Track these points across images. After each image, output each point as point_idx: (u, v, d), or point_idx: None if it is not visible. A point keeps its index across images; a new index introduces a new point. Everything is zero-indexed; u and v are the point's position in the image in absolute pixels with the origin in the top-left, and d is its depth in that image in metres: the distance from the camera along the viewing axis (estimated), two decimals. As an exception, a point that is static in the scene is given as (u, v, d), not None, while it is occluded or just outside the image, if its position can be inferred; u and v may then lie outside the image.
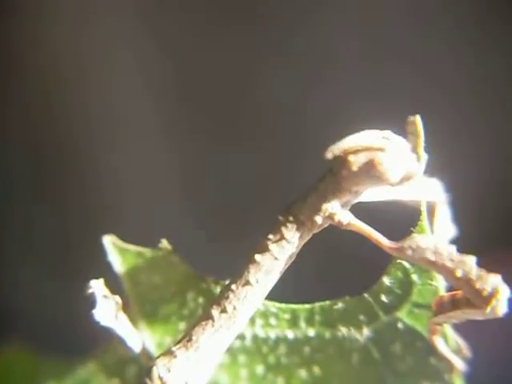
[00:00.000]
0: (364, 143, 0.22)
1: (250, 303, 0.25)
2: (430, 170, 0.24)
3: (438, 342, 0.24)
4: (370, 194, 0.24)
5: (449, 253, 0.22)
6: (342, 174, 0.23)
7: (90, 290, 0.25)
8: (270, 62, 0.60)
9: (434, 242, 0.22)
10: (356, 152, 0.22)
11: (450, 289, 0.24)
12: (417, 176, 0.23)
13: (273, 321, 0.28)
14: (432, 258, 0.22)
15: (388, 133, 0.23)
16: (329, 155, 0.23)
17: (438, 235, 0.24)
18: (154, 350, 0.28)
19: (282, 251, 0.24)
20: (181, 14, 0.61)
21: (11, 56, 0.61)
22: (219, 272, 0.28)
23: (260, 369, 0.28)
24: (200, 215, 0.59)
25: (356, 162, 0.22)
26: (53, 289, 0.57)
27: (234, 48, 0.60)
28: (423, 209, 0.24)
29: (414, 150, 0.23)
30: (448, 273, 0.21)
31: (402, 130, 0.23)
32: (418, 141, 0.22)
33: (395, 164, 0.22)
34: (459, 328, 0.25)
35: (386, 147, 0.22)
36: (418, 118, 0.22)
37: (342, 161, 0.23)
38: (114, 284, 0.26)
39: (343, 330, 0.27)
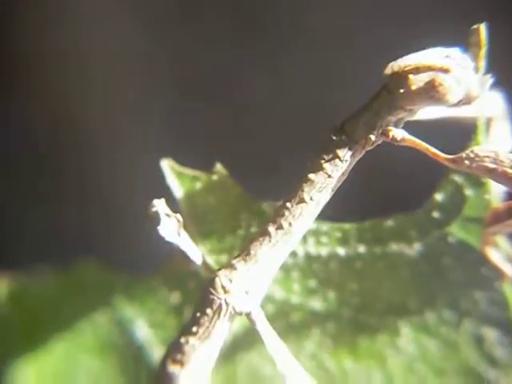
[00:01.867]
0: (426, 61, 0.21)
1: (305, 220, 0.24)
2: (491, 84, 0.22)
3: (491, 253, 0.23)
4: (426, 111, 0.23)
5: (510, 160, 0.20)
6: (400, 92, 0.21)
7: (154, 209, 0.24)
8: (271, 59, 0.57)
9: (493, 150, 0.20)
10: (417, 70, 0.21)
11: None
12: (477, 99, 0.21)
13: (324, 239, 0.27)
14: (492, 165, 0.20)
15: (453, 51, 0.21)
16: (388, 71, 0.21)
17: (498, 147, 0.23)
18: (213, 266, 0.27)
19: (335, 169, 0.23)
20: (186, 16, 0.58)
21: (12, 55, 0.59)
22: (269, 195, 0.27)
23: (312, 283, 0.27)
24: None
25: (416, 80, 0.21)
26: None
27: (235, 47, 0.58)
28: (480, 123, 0.22)
29: (476, 62, 0.21)
30: (509, 180, 0.20)
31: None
32: (480, 52, 0.20)
33: (457, 86, 0.21)
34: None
35: (449, 67, 0.21)
36: (482, 28, 0.20)
37: (401, 78, 0.21)
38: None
39: (394, 246, 0.26)
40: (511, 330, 0.24)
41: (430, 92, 0.21)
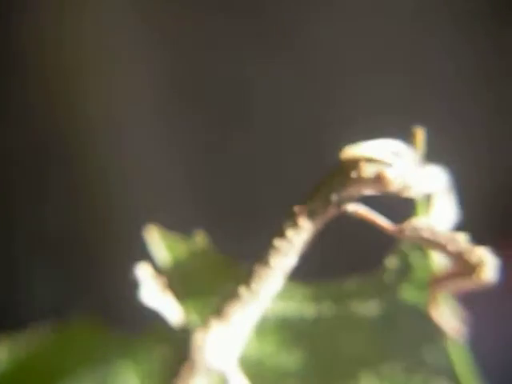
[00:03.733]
0: (376, 155, 0.24)
1: (271, 282, 0.26)
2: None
3: (436, 311, 0.25)
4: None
5: (441, 231, 0.23)
6: (351, 175, 0.24)
7: (136, 272, 0.26)
8: (274, 57, 0.59)
9: (428, 223, 0.23)
10: (368, 160, 0.24)
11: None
12: (415, 189, 0.24)
13: (294, 298, 0.29)
14: (427, 236, 0.23)
15: (400, 146, 0.24)
16: (343, 155, 0.24)
17: (434, 219, 0.25)
18: (194, 325, 0.29)
19: (297, 237, 0.26)
20: (185, 11, 0.59)
21: (12, 54, 0.59)
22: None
23: (283, 342, 0.29)
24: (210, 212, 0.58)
25: (366, 170, 0.24)
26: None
27: (237, 43, 0.59)
28: (418, 199, 0.25)
29: (415, 160, 0.24)
30: (441, 248, 0.22)
31: (405, 128, 0.24)
32: (417, 151, 0.23)
33: (399, 179, 0.24)
34: (459, 299, 0.25)
35: (395, 164, 0.24)
36: (419, 132, 0.23)
37: (353, 164, 0.24)
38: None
39: (354, 306, 0.28)
40: (456, 382, 0.25)
41: (376, 181, 0.24)
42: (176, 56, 0.60)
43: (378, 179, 0.24)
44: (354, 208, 0.25)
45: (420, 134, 0.23)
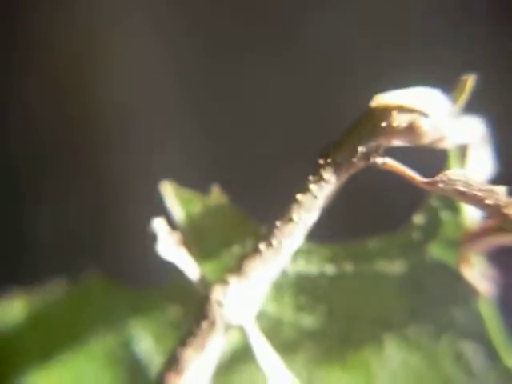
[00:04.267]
0: (409, 103, 0.22)
1: (293, 238, 0.25)
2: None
3: (466, 270, 0.24)
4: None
5: (478, 183, 0.21)
6: (382, 126, 0.22)
7: (152, 227, 0.25)
8: (278, 57, 0.58)
9: (463, 174, 0.21)
10: (400, 109, 0.22)
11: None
12: (450, 140, 0.22)
13: (314, 258, 0.28)
14: (462, 188, 0.21)
15: (435, 94, 0.22)
16: (373, 104, 0.22)
17: (470, 172, 0.24)
18: (210, 283, 0.28)
19: (320, 190, 0.24)
20: (193, 13, 0.59)
21: (15, 54, 0.59)
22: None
23: (303, 300, 0.28)
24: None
25: (398, 119, 0.22)
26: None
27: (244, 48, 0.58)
28: (452, 150, 0.23)
29: (455, 107, 0.22)
30: (478, 201, 0.21)
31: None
32: (460, 100, 0.22)
33: (432, 131, 0.22)
34: (489, 258, 0.24)
35: (429, 113, 0.22)
36: (470, 80, 0.21)
37: (384, 113, 0.22)
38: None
39: (378, 265, 0.26)
40: (486, 343, 0.24)
41: (408, 132, 0.22)
42: (182, 57, 0.59)
43: (411, 129, 0.22)
44: (383, 160, 0.24)
45: (468, 83, 0.21)
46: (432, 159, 0.24)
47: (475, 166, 0.24)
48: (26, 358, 0.31)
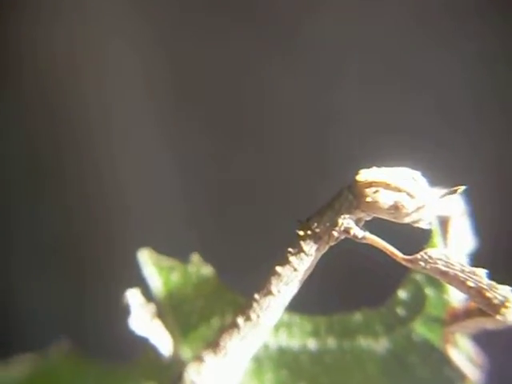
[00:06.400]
0: (397, 183, 0.22)
1: (272, 312, 0.24)
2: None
3: (452, 352, 0.23)
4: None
5: (460, 264, 0.20)
6: (365, 200, 0.22)
7: (126, 300, 0.24)
8: (274, 60, 0.57)
9: (445, 254, 0.21)
10: (386, 186, 0.22)
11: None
12: (430, 220, 0.22)
13: (295, 331, 0.27)
14: (444, 268, 0.20)
15: (418, 176, 0.22)
16: (360, 178, 0.22)
17: (451, 248, 0.23)
18: (186, 357, 0.27)
19: (300, 263, 0.23)
20: (181, 11, 0.58)
21: (9, 55, 0.58)
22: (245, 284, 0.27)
23: (284, 375, 0.27)
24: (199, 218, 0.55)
25: (383, 197, 0.22)
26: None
27: (237, 46, 0.57)
28: (434, 225, 0.23)
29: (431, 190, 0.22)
30: (459, 283, 0.20)
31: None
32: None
33: (417, 211, 0.22)
34: (473, 338, 0.23)
35: (415, 195, 0.22)
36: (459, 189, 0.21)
37: (369, 188, 0.22)
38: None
39: (362, 341, 0.25)
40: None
41: (392, 210, 0.22)
42: (176, 59, 0.58)
43: (396, 208, 0.22)
44: (363, 234, 0.23)
45: (458, 191, 0.21)
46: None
47: (456, 241, 0.23)
48: None
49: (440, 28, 0.57)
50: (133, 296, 0.24)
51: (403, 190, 0.22)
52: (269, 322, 0.24)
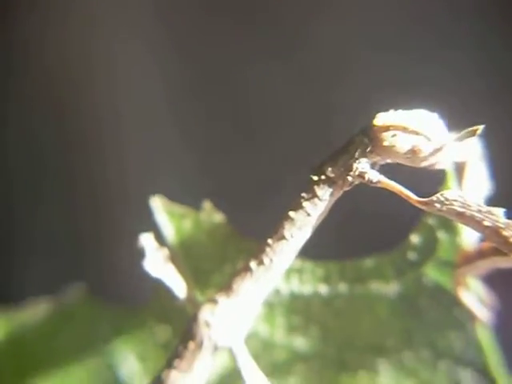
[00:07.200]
0: (414, 126, 0.21)
1: (285, 256, 0.24)
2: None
3: (463, 294, 0.23)
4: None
5: (476, 204, 0.20)
6: (382, 144, 0.22)
7: (141, 243, 0.24)
8: (275, 59, 0.57)
9: (461, 195, 0.21)
10: (404, 130, 0.21)
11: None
12: (448, 162, 0.22)
13: (307, 277, 0.27)
14: (460, 209, 0.20)
15: (436, 119, 0.22)
16: (377, 122, 0.22)
17: (467, 191, 0.23)
18: (198, 302, 0.27)
19: (314, 208, 0.23)
20: (189, 11, 0.58)
21: (14, 54, 0.58)
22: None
23: (295, 321, 0.27)
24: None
25: (401, 140, 0.21)
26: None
27: (241, 47, 0.57)
28: (450, 168, 0.22)
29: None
30: (476, 223, 0.20)
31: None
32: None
33: (434, 155, 0.21)
34: (484, 280, 0.23)
35: (433, 138, 0.21)
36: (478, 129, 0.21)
37: (386, 132, 0.22)
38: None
39: (372, 285, 0.26)
40: (484, 371, 0.23)
41: (409, 154, 0.21)
42: (184, 59, 0.58)
43: (413, 152, 0.21)
44: (378, 178, 0.23)
45: (477, 132, 0.21)
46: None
47: (472, 186, 0.23)
48: (4, 380, 0.30)
49: (442, 28, 0.56)
50: (147, 240, 0.24)
51: (421, 133, 0.21)
52: (281, 266, 0.24)
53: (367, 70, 0.56)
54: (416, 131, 0.21)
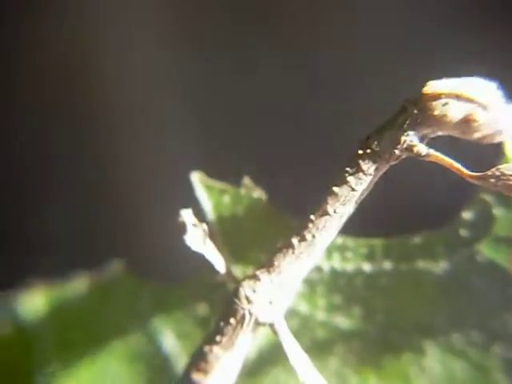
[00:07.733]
0: (468, 93, 0.20)
1: (328, 232, 0.23)
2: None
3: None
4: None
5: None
6: (433, 114, 0.20)
7: (180, 219, 0.24)
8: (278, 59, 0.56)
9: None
10: (457, 98, 0.20)
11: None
12: (503, 136, 0.20)
13: (349, 254, 0.26)
14: None
15: (492, 86, 0.20)
16: (427, 90, 0.20)
17: None
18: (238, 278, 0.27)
19: (358, 182, 0.22)
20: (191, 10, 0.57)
21: (15, 53, 0.58)
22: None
23: (337, 299, 0.26)
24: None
25: (453, 109, 0.20)
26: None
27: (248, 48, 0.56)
28: (506, 145, 0.21)
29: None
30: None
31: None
32: None
33: (489, 125, 0.20)
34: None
35: (489, 106, 0.20)
36: None
37: (437, 101, 0.20)
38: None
39: (420, 264, 0.24)
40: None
41: (462, 124, 0.20)
42: (196, 56, 0.57)
43: (467, 122, 0.20)
44: (427, 151, 0.22)
45: None
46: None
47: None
48: (46, 353, 0.31)
49: (443, 27, 0.53)
50: (187, 215, 0.24)
51: (476, 100, 0.20)
52: (324, 242, 0.23)
53: (378, 72, 0.54)
54: (470, 98, 0.20)
